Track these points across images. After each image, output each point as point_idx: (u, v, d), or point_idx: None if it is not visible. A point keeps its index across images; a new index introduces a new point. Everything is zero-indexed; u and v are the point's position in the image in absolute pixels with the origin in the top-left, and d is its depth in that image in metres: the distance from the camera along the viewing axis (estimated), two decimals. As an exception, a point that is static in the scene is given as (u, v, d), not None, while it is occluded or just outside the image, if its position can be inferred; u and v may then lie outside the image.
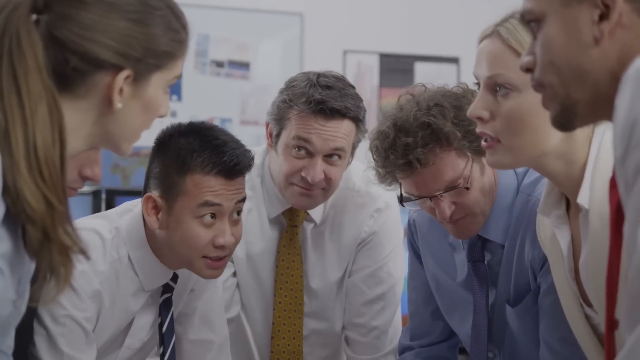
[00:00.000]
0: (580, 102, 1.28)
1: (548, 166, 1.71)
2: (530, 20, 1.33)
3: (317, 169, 2.23)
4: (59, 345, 1.86)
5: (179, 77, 1.47)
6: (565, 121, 1.31)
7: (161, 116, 1.46)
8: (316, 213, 2.41)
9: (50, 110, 1.30)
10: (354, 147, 2.32)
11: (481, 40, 1.75)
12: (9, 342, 1.57)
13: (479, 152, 1.92)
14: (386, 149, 1.96)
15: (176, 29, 1.43)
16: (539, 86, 1.33)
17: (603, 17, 1.24)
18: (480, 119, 1.71)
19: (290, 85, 2.29)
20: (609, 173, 1.65)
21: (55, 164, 1.29)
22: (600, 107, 1.26)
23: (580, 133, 1.69)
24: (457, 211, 1.98)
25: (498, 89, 1.69)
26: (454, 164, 1.94)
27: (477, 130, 1.73)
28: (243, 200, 1.97)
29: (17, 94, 1.29)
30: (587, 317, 1.77)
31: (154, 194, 1.94)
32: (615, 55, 1.24)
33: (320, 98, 2.21)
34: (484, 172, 1.98)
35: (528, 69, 1.35)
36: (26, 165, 1.27)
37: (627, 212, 1.13)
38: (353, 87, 2.30)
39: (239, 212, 1.98)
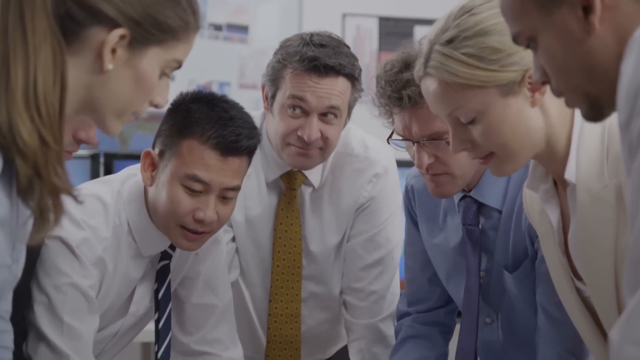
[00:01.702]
0: (601, 95, 1.28)
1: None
2: (524, 41, 1.33)
3: (313, 128, 2.23)
4: (59, 314, 1.85)
5: (180, 65, 1.44)
6: (597, 115, 1.33)
7: (156, 106, 1.43)
8: (314, 176, 2.41)
9: (53, 53, 1.28)
10: (350, 107, 2.32)
11: (418, 79, 1.74)
12: (6, 307, 1.57)
13: None
14: (386, 80, 1.94)
15: (184, 8, 1.40)
16: (559, 94, 1.34)
17: (587, 10, 1.24)
18: (464, 150, 1.71)
19: (284, 46, 2.29)
20: (595, 146, 1.65)
21: (54, 104, 1.27)
22: None
23: (558, 112, 1.68)
24: (436, 165, 1.97)
25: (463, 120, 1.68)
26: None
27: (470, 157, 1.74)
28: (234, 189, 1.95)
29: (22, 32, 1.27)
30: (578, 290, 1.77)
31: (154, 151, 1.94)
32: (613, 38, 1.24)
33: (314, 55, 2.20)
34: None
35: (544, 82, 1.35)
36: (23, 101, 1.25)
37: (630, 178, 1.12)
38: (348, 47, 2.30)
39: (233, 196, 1.96)
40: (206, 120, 1.91)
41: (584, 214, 1.65)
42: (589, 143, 1.66)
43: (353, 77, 2.26)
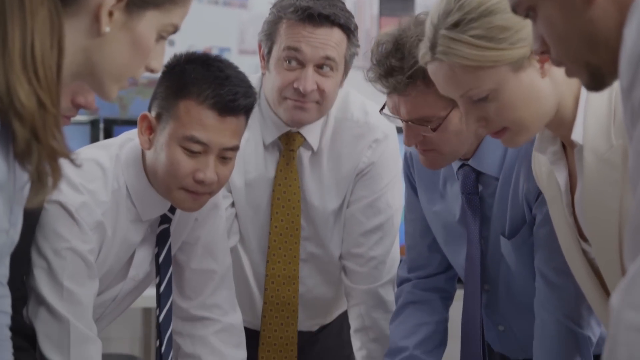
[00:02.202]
0: (602, 64, 1.27)
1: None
2: (523, 11, 1.32)
3: (309, 79, 2.23)
4: (59, 279, 1.86)
5: (176, 29, 1.43)
6: (598, 85, 1.32)
7: (152, 70, 1.42)
8: (313, 138, 2.41)
9: (50, 15, 1.27)
10: (346, 62, 2.32)
11: (424, 63, 1.74)
12: (4, 272, 1.58)
13: None
14: (377, 60, 1.94)
15: None
16: (558, 63, 1.33)
17: None
18: (478, 127, 1.72)
19: (279, 1, 2.29)
20: (602, 108, 1.65)
21: (51, 67, 1.27)
22: None
23: (564, 78, 1.68)
24: (424, 143, 1.97)
25: (476, 99, 1.69)
26: (433, 103, 1.92)
27: (483, 133, 1.76)
28: (233, 148, 1.94)
29: None
30: (584, 252, 1.78)
31: (151, 114, 1.94)
32: (614, 6, 1.23)
33: (307, 5, 2.22)
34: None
35: (543, 52, 1.34)
36: (21, 64, 1.25)
37: (632, 144, 1.12)
38: (342, 3, 2.30)
39: (232, 156, 1.96)
40: (202, 80, 1.90)
41: (590, 175, 1.66)
42: (597, 105, 1.67)
43: (348, 30, 2.27)
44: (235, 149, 1.95)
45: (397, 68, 1.90)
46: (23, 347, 1.79)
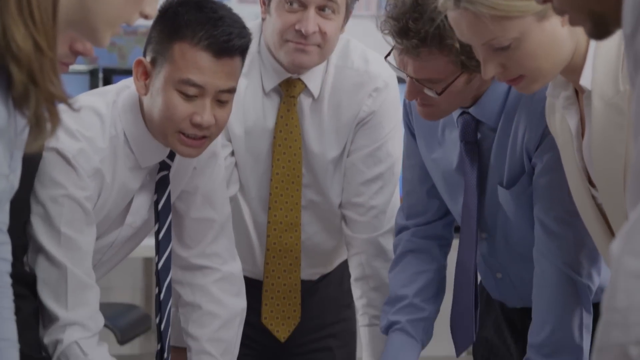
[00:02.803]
0: (605, 12, 1.26)
1: None
2: None
3: (310, 20, 2.22)
4: (56, 225, 1.85)
5: None
6: (602, 33, 1.30)
7: (146, 16, 1.41)
8: (314, 85, 2.40)
9: None
10: (348, 6, 2.31)
11: (444, 10, 1.73)
12: (4, 219, 1.57)
13: (473, 69, 1.89)
14: (392, 16, 1.92)
15: None
16: (561, 12, 1.32)
17: None
18: (496, 74, 1.73)
19: None
20: (611, 54, 1.65)
21: (47, 10, 1.26)
22: None
23: None
24: (425, 98, 1.97)
25: (497, 47, 1.69)
26: (442, 68, 1.92)
27: (499, 79, 1.76)
28: (229, 90, 1.93)
29: None
30: (593, 198, 1.78)
31: (146, 59, 1.93)
32: None
33: None
34: (470, 80, 1.96)
35: (545, 0, 1.32)
36: (16, 7, 1.24)
37: (634, 91, 1.11)
38: None
39: (228, 98, 1.94)
40: (196, 22, 1.89)
41: (598, 119, 1.67)
42: (606, 50, 1.68)
43: None
44: (231, 90, 1.93)
45: (413, 30, 1.88)
46: (24, 295, 1.80)
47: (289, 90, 2.40)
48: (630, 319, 0.98)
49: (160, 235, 2.03)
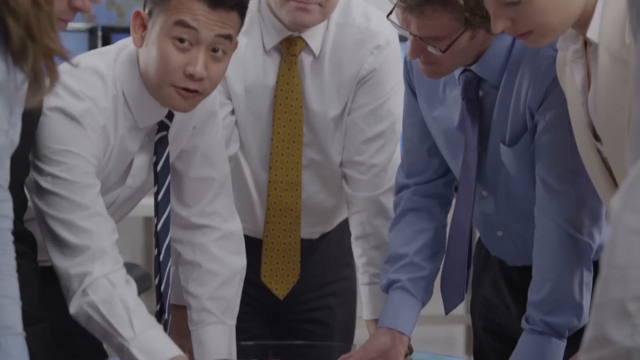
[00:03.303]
0: None
1: None
2: None
3: None
4: (67, 177, 1.84)
5: None
6: None
7: None
8: (315, 43, 2.38)
9: None
10: None
11: None
12: (4, 175, 1.57)
13: (477, 25, 1.88)
14: None
15: None
16: None
17: None
18: (505, 28, 1.72)
19: None
20: (619, 6, 1.64)
21: None
22: None
23: None
24: (427, 56, 1.96)
25: (508, 2, 1.68)
26: (446, 25, 1.90)
27: (508, 33, 1.76)
28: (226, 37, 1.91)
29: None
30: (599, 152, 1.78)
31: (144, 10, 1.92)
32: None
33: None
34: (474, 37, 1.94)
35: None
36: None
37: (637, 44, 1.10)
38: None
39: (224, 51, 1.93)
40: None
41: (604, 73, 1.66)
42: (614, 3, 1.66)
43: None
44: (227, 37, 1.91)
45: None
46: (24, 253, 1.79)
47: (289, 48, 2.38)
48: (629, 275, 0.98)
49: (159, 196, 2.03)
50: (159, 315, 2.08)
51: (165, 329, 2.07)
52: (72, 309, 1.82)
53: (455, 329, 5.20)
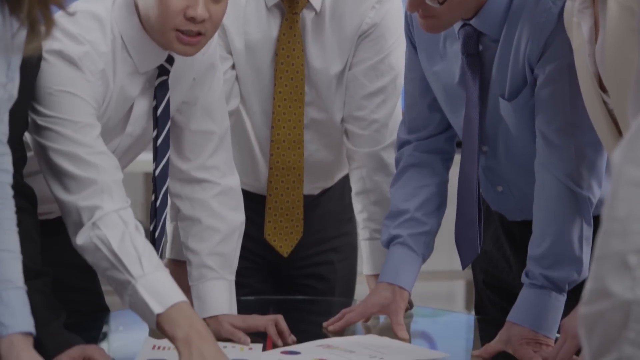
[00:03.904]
0: None
1: None
2: None
3: None
4: (69, 118, 1.82)
5: None
6: None
7: None
8: (316, -1, 2.37)
9: None
10: None
11: None
12: (3, 129, 1.57)
13: None
14: None
15: None
16: None
17: None
18: None
19: None
20: None
21: None
22: None
23: None
24: (426, 10, 1.94)
25: None
26: None
27: None
28: None
29: None
30: (605, 103, 1.77)
31: None
32: None
33: None
34: None
35: None
36: None
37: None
38: None
39: None
40: None
41: (612, 23, 1.64)
42: None
43: None
44: None
45: None
46: (24, 207, 1.79)
47: (291, 6, 2.37)
48: (630, 227, 0.98)
49: (159, 141, 2.02)
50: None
51: None
52: (80, 240, 1.79)
53: (455, 284, 5.23)
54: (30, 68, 1.72)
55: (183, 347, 1.69)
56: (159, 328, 1.73)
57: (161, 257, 2.06)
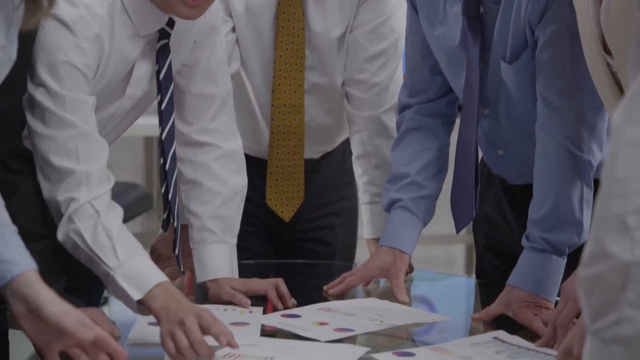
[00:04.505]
0: None
1: None
2: None
3: None
4: (59, 91, 1.81)
5: None
6: None
7: None
8: (317, -38, 2.35)
9: None
10: None
11: None
12: (0, 90, 1.56)
13: None
14: None
15: None
16: None
17: None
18: None
19: None
20: None
21: None
22: None
23: None
24: None
25: None
26: None
27: None
28: None
29: None
30: (608, 65, 1.76)
31: None
32: None
33: None
34: None
35: None
36: None
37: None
38: None
39: None
40: None
41: None
42: None
43: None
44: None
45: None
46: (23, 171, 1.79)
47: None
48: (629, 188, 0.97)
49: (163, 105, 2.01)
50: (166, 224, 2.09)
51: (175, 238, 2.08)
52: (60, 235, 1.81)
53: (455, 248, 5.23)
54: (30, 30, 1.71)
55: (161, 313, 1.70)
56: (143, 312, 1.75)
57: (177, 220, 2.07)
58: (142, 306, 1.74)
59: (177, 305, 1.70)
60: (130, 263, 1.76)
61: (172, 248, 2.12)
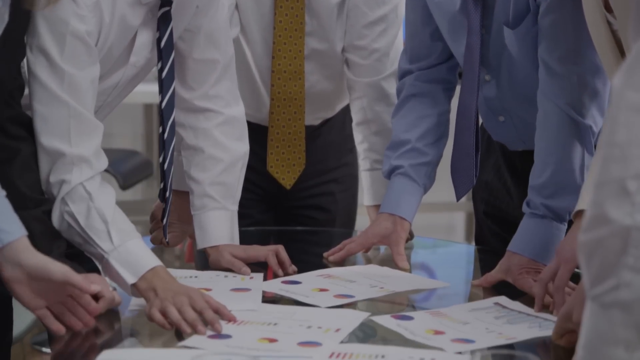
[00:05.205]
0: None
1: None
2: None
3: None
4: (59, 63, 1.81)
5: None
6: None
7: None
8: None
9: None
10: None
11: None
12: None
13: None
14: None
15: None
16: None
17: None
18: None
19: None
20: None
21: None
22: None
23: None
24: None
25: None
26: None
27: None
28: None
29: None
30: (609, 24, 1.75)
31: None
32: None
33: None
34: None
35: None
36: None
37: None
38: None
39: None
40: None
41: None
42: None
43: None
44: None
45: None
46: (22, 137, 1.78)
47: None
48: (629, 152, 0.97)
49: (164, 73, 2.00)
50: (162, 195, 2.08)
51: (165, 207, 2.08)
52: (54, 217, 1.80)
53: (455, 215, 5.24)
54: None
55: (149, 293, 1.71)
56: (137, 295, 1.75)
57: (169, 190, 2.06)
58: (136, 289, 1.75)
59: (170, 287, 1.71)
60: (125, 247, 1.76)
61: (161, 217, 2.12)
